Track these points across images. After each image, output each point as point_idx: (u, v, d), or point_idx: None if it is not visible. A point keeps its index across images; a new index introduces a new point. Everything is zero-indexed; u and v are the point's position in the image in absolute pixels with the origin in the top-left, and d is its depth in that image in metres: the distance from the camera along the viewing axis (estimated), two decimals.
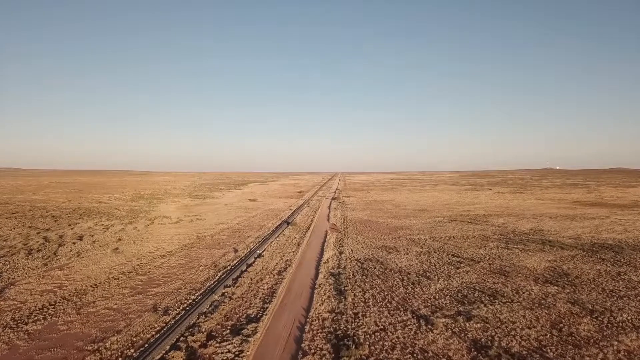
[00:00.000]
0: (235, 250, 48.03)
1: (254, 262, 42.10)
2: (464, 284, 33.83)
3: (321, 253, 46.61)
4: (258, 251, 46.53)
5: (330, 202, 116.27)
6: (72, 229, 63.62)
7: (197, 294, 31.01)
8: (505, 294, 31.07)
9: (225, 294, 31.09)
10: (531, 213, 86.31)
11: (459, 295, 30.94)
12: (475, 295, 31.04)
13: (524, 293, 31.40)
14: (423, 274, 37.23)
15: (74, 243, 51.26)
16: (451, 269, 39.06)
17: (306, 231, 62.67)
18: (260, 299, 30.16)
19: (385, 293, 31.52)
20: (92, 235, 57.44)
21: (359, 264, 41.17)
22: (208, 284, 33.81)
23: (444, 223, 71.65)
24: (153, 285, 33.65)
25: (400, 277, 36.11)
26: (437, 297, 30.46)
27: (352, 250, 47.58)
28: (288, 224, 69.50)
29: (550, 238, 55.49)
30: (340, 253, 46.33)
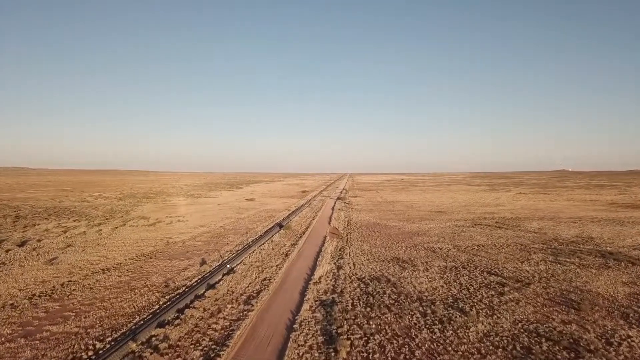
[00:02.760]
0: (203, 263, 37.26)
1: (219, 280, 31.20)
2: (520, 324, 22.30)
3: (313, 268, 35.50)
4: (230, 265, 35.63)
5: (335, 203, 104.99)
6: (24, 231, 53.84)
7: (108, 339, 20.20)
8: (592, 347, 19.47)
9: (152, 339, 20.20)
10: (566, 216, 73.61)
11: (519, 348, 19.47)
12: (544, 347, 19.53)
13: (621, 345, 19.77)
14: (454, 303, 25.78)
15: (7, 251, 41.20)
16: (492, 295, 27.52)
17: (300, 236, 51.56)
18: (201, 351, 19.16)
19: (401, 340, 20.26)
20: (40, 240, 47.41)
21: (362, 285, 29.91)
22: (137, 319, 23.01)
23: (467, 228, 59.77)
24: (56, 320, 22.97)
25: (421, 309, 24.75)
26: (483, 352, 19.06)
27: (354, 265, 36.34)
28: (281, 227, 58.59)
29: (609, 249, 43.36)
30: (339, 268, 35.10)
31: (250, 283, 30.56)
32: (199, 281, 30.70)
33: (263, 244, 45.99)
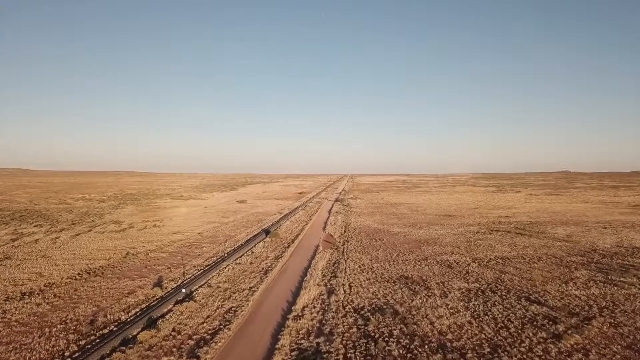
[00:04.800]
0: (157, 283, 29.20)
1: (168, 312, 23.13)
2: None
3: (297, 292, 27.39)
4: (189, 288, 27.53)
5: (332, 205, 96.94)
6: None
7: None
8: None
9: None
10: (593, 220, 65.31)
11: None
12: None
13: None
14: (493, 357, 17.61)
15: None
16: (544, 339, 19.33)
17: (288, 246, 43.47)
18: None
19: None
20: None
21: (360, 321, 21.78)
22: None
23: (483, 234, 51.59)
24: None
25: None
26: None
27: (350, 287, 28.20)
28: (267, 234, 50.55)
29: None
30: (330, 293, 26.99)
31: (207, 317, 22.48)
32: (139, 313, 22.69)
33: (241, 256, 37.96)
